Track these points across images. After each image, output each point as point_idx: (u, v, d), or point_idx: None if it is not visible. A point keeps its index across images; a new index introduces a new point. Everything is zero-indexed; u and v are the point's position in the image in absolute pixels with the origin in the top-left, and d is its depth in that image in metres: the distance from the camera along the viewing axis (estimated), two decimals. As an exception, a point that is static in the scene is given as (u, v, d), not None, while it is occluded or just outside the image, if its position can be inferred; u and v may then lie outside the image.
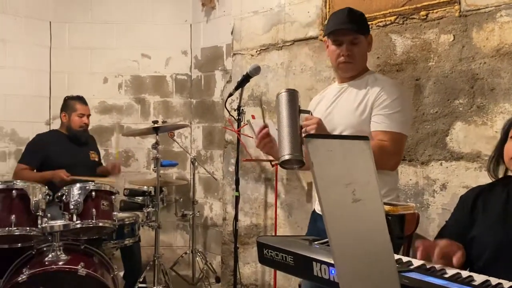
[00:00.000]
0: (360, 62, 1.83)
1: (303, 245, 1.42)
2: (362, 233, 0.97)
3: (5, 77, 3.81)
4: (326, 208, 0.93)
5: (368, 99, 1.75)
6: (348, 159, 0.96)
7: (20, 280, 2.17)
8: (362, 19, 1.85)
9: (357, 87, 1.81)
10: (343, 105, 1.82)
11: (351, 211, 0.96)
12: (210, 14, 3.97)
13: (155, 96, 4.20)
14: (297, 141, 1.54)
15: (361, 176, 0.97)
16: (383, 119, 1.70)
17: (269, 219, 3.26)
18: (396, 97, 1.72)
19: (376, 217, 0.99)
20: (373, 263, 0.99)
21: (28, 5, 3.94)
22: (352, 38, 1.78)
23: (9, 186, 2.36)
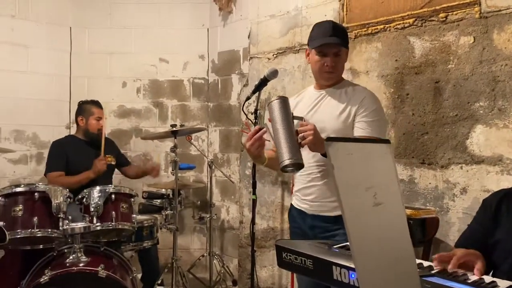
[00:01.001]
0: (340, 72, 2.00)
1: (322, 249, 1.42)
2: (383, 237, 0.97)
3: (27, 82, 3.90)
4: (347, 212, 0.93)
5: (351, 107, 1.89)
6: (369, 162, 0.95)
7: (42, 281, 2.21)
8: (345, 33, 2.01)
9: (337, 94, 1.95)
10: (325, 111, 1.94)
11: (372, 215, 0.95)
12: (227, 19, 3.99)
13: (173, 100, 4.25)
14: (295, 146, 1.64)
15: (382, 179, 0.96)
16: (366, 126, 1.86)
17: (285, 223, 3.25)
18: (376, 108, 1.90)
19: (398, 221, 0.98)
20: (395, 267, 0.98)
21: (49, 11, 4.02)
22: (336, 51, 1.93)
23: (32, 189, 2.41)
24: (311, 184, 1.94)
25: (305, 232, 1.96)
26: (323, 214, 1.91)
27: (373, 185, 0.94)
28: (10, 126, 3.82)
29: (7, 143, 3.76)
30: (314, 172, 1.93)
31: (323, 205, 1.91)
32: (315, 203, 1.94)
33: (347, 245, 1.45)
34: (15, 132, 3.85)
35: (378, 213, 0.96)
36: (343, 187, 0.92)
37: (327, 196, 1.90)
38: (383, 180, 0.96)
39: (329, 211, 1.89)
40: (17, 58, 3.84)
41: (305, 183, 1.97)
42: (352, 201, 0.93)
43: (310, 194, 1.95)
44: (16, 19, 3.83)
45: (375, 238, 0.96)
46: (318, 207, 1.93)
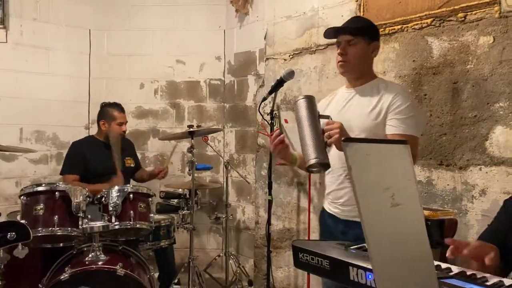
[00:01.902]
0: (357, 65, 1.90)
1: (339, 250, 1.42)
2: (401, 238, 0.97)
3: (48, 84, 3.98)
4: (365, 213, 0.93)
5: (382, 104, 1.82)
6: (387, 163, 0.95)
7: (62, 278, 2.26)
8: (367, 24, 1.96)
9: (368, 92, 1.88)
10: (356, 109, 1.88)
11: (390, 216, 0.95)
12: (243, 20, 4.01)
13: (190, 101, 4.28)
14: (321, 146, 1.60)
15: (400, 180, 0.96)
16: (399, 123, 1.79)
17: (301, 224, 3.25)
18: (409, 103, 1.82)
19: (416, 222, 0.98)
20: (412, 268, 0.98)
21: (69, 14, 4.10)
22: (349, 39, 1.88)
23: (52, 188, 2.45)
24: (342, 186, 1.88)
25: (337, 238, 1.85)
26: (356, 220, 1.79)
27: (391, 186, 0.94)
28: (31, 126, 3.90)
29: (28, 144, 3.84)
30: (343, 173, 1.86)
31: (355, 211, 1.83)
32: (346, 207, 1.87)
33: (364, 246, 1.45)
34: (36, 132, 3.93)
35: (396, 214, 0.96)
36: (360, 188, 0.92)
37: None
38: (401, 181, 0.96)
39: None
40: (38, 60, 3.92)
41: (336, 185, 1.91)
42: (369, 202, 0.93)
43: (341, 197, 1.89)
44: (38, 22, 3.91)
45: (393, 239, 0.96)
46: (350, 212, 1.85)
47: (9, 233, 1.35)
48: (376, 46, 1.95)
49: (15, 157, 3.79)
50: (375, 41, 1.93)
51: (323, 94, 2.98)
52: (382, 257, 0.96)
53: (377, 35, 1.96)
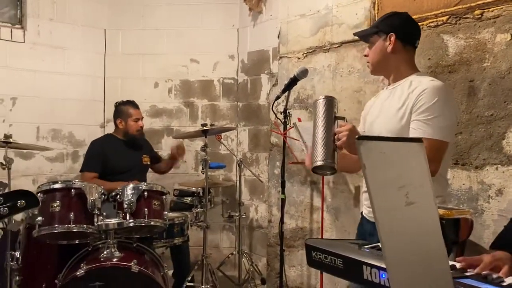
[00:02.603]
0: (377, 63, 1.83)
1: (352, 249, 1.41)
2: (416, 237, 0.96)
3: (64, 83, 4.04)
4: (379, 212, 0.93)
5: (408, 103, 1.68)
6: (401, 161, 0.95)
7: (78, 274, 2.29)
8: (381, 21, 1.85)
9: (399, 90, 1.75)
10: (386, 110, 1.78)
11: (404, 215, 0.95)
12: (257, 19, 4.01)
13: (203, 99, 4.30)
14: (330, 148, 1.55)
15: (415, 178, 0.95)
16: (421, 125, 1.62)
17: (315, 223, 3.25)
18: (436, 100, 1.62)
19: (430, 221, 0.97)
20: (427, 268, 0.98)
21: (85, 14, 4.15)
22: (369, 40, 1.84)
23: (68, 186, 2.49)
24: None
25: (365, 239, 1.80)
26: None
27: (405, 184, 0.93)
28: (48, 125, 3.97)
29: (44, 142, 3.90)
30: None
31: None
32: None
33: (378, 245, 1.44)
34: (52, 131, 4.00)
35: (410, 212, 0.95)
36: (374, 186, 0.92)
37: None
38: (415, 180, 0.95)
39: None
40: (55, 59, 3.99)
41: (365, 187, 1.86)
42: (383, 201, 0.93)
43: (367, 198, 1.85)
44: (54, 22, 3.97)
45: (407, 238, 0.96)
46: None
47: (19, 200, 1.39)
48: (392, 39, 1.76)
49: (32, 155, 3.86)
50: (390, 33, 1.77)
51: (336, 92, 2.98)
52: (396, 256, 0.96)
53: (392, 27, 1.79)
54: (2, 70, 3.71)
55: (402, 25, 1.81)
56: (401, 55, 1.79)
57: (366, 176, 0.91)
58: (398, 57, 1.79)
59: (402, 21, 1.84)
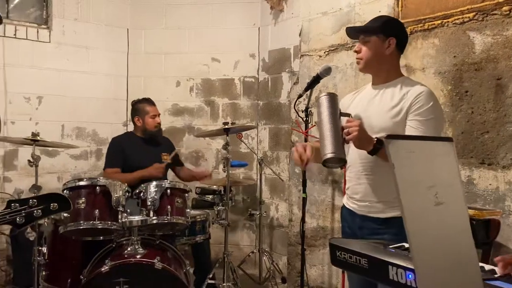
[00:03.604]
0: (370, 62, 1.88)
1: (377, 248, 1.40)
2: (445, 237, 0.95)
3: (88, 82, 4.11)
4: (407, 211, 0.92)
5: (404, 104, 1.79)
6: (431, 160, 0.94)
7: (103, 270, 2.33)
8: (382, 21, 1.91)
9: (391, 90, 1.85)
10: (377, 108, 1.86)
11: (433, 215, 0.94)
12: (278, 17, 4.01)
13: (224, 98, 4.32)
14: (339, 141, 1.63)
15: (445, 178, 0.94)
16: (419, 125, 1.74)
17: (336, 222, 3.23)
18: (431, 105, 1.77)
19: (460, 221, 0.96)
20: (456, 269, 0.96)
21: (108, 14, 4.22)
22: (363, 37, 1.89)
23: (93, 183, 2.53)
24: (359, 182, 1.90)
25: (355, 232, 1.93)
26: (372, 216, 1.86)
27: (435, 184, 0.92)
28: (72, 123, 4.04)
29: (69, 140, 3.98)
30: (360, 170, 1.89)
31: (372, 206, 1.86)
32: (362, 203, 1.90)
33: (403, 246, 1.43)
34: (77, 129, 4.07)
35: (440, 212, 0.94)
36: (403, 186, 0.91)
37: (374, 196, 1.85)
38: (445, 179, 0.94)
39: (378, 213, 1.84)
40: (79, 59, 4.06)
41: (354, 181, 1.94)
42: (412, 200, 0.92)
43: (357, 192, 1.92)
44: (78, 21, 4.05)
45: (436, 238, 0.95)
46: (366, 207, 1.88)
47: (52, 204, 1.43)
48: (392, 43, 1.86)
49: (57, 152, 3.94)
50: (391, 37, 1.86)
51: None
52: (424, 256, 0.94)
53: (393, 31, 1.88)
54: (28, 69, 3.80)
55: (401, 32, 1.93)
56: (393, 59, 1.91)
57: (395, 175, 0.90)
58: (391, 60, 1.90)
59: (401, 28, 1.96)
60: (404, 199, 0.91)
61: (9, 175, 3.72)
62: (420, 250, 0.94)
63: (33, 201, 1.42)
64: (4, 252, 3.67)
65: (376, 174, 1.83)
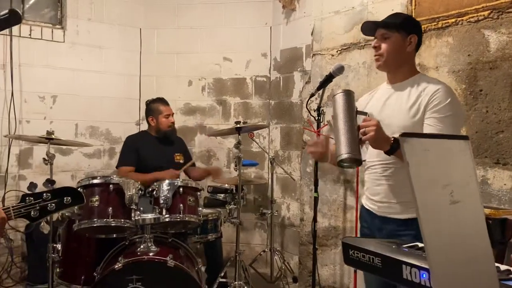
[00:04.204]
0: (391, 59, 1.85)
1: (390, 248, 1.39)
2: (460, 236, 0.94)
3: (101, 81, 4.15)
4: (422, 210, 0.91)
5: (421, 101, 1.75)
6: (446, 159, 0.93)
7: (116, 267, 2.35)
8: (403, 18, 1.91)
9: (407, 88, 1.82)
10: (395, 107, 1.83)
11: (449, 213, 0.93)
12: (290, 16, 4.00)
13: (236, 97, 4.33)
14: (355, 141, 1.57)
15: (460, 176, 0.93)
16: (437, 122, 1.71)
17: (348, 222, 3.21)
18: (450, 101, 1.73)
19: (476, 220, 0.95)
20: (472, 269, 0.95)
21: (122, 13, 4.25)
22: (382, 33, 1.85)
23: (107, 181, 2.56)
24: (378, 183, 1.88)
25: (374, 233, 1.90)
26: (391, 217, 1.83)
27: (450, 182, 0.92)
28: (86, 122, 4.09)
29: (82, 138, 4.03)
30: (379, 171, 1.86)
31: (391, 207, 1.83)
32: (382, 204, 1.87)
33: (417, 245, 1.42)
34: (90, 128, 4.12)
35: (455, 211, 0.93)
36: (418, 184, 0.90)
37: (394, 197, 1.82)
38: (460, 178, 0.93)
39: (397, 214, 1.81)
40: (93, 58, 4.10)
41: (373, 181, 1.91)
42: (427, 199, 0.91)
43: (377, 194, 1.89)
44: (92, 21, 4.09)
45: (451, 237, 0.94)
46: (386, 208, 1.86)
47: (65, 197, 1.45)
48: (413, 40, 1.85)
49: (71, 151, 3.99)
50: (412, 34, 1.85)
51: (371, 89, 2.93)
52: (439, 255, 0.94)
53: (415, 29, 1.88)
54: (43, 69, 3.85)
55: (420, 30, 1.92)
56: (411, 56, 1.90)
57: (410, 174, 0.90)
58: (409, 58, 1.89)
59: (420, 26, 1.95)
60: (419, 197, 0.91)
61: (24, 173, 3.78)
62: (435, 249, 0.93)
63: (47, 195, 1.44)
64: (19, 249, 3.73)
65: (395, 175, 1.81)
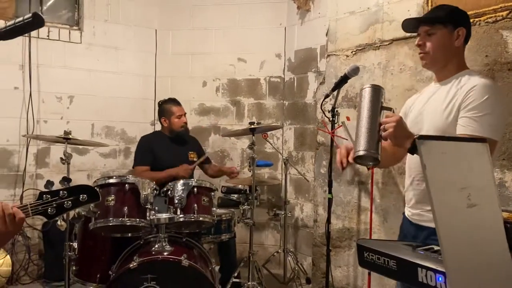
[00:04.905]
0: (438, 55, 1.73)
1: (406, 250, 1.38)
2: (478, 240, 0.93)
3: (117, 82, 4.20)
4: (439, 213, 0.91)
5: (457, 100, 1.64)
6: (464, 162, 0.92)
7: (131, 266, 2.37)
8: (448, 11, 1.77)
9: (449, 86, 1.71)
10: (432, 106, 1.73)
11: (466, 217, 0.92)
12: (305, 17, 4.00)
13: (250, 98, 4.34)
14: (374, 138, 1.50)
15: (478, 180, 0.93)
16: (471, 122, 1.58)
17: (362, 224, 3.20)
18: (487, 98, 1.58)
19: (494, 223, 0.94)
20: (489, 273, 0.95)
21: (137, 15, 4.30)
22: (426, 29, 1.74)
23: (123, 181, 2.59)
24: (411, 188, 1.82)
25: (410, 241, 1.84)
26: (423, 225, 1.75)
27: (468, 185, 0.91)
28: (102, 122, 4.14)
29: (98, 138, 4.08)
30: (413, 175, 1.80)
31: (423, 215, 1.76)
32: (415, 210, 1.80)
33: (432, 248, 1.40)
34: (106, 128, 4.17)
35: (472, 215, 0.92)
36: (435, 187, 0.90)
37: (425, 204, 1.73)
38: (478, 181, 0.92)
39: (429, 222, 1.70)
40: (109, 59, 4.15)
41: (408, 187, 1.85)
42: (444, 202, 0.91)
43: (410, 199, 1.84)
44: (108, 23, 4.14)
45: (468, 240, 0.93)
46: (418, 216, 1.78)
47: (81, 195, 1.47)
48: (461, 33, 1.73)
49: (87, 151, 4.04)
50: (460, 27, 1.72)
51: (387, 90, 2.89)
52: (456, 259, 0.93)
53: (463, 21, 1.75)
54: (60, 69, 3.91)
55: (468, 21, 1.78)
56: (460, 51, 1.76)
57: (427, 177, 0.89)
58: (458, 53, 1.75)
59: (467, 17, 1.80)
60: (436, 200, 0.91)
61: (41, 172, 3.84)
62: (451, 252, 0.93)
63: (63, 193, 1.46)
64: (37, 246, 3.80)
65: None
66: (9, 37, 0.82)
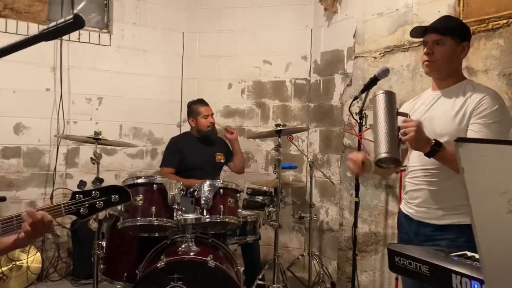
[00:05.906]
0: (444, 65, 1.82)
1: (439, 256, 1.36)
2: (518, 247, 0.90)
3: (145, 84, 4.26)
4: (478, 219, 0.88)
5: (467, 107, 1.73)
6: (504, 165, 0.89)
7: (159, 266, 2.40)
8: (457, 24, 1.91)
9: (454, 94, 1.80)
10: (440, 112, 1.81)
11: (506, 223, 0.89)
12: (332, 18, 3.97)
13: (275, 100, 4.34)
14: (394, 141, 1.59)
15: (519, 185, 0.90)
16: (481, 128, 1.68)
17: (389, 228, 3.15)
18: (497, 107, 1.70)
19: (536, 230, 0.91)
20: (530, 281, 0.91)
21: (165, 18, 4.35)
22: (436, 39, 1.81)
23: (151, 181, 2.63)
24: (418, 187, 1.87)
25: (411, 238, 1.89)
26: (428, 222, 1.82)
27: (508, 190, 0.88)
28: (130, 123, 4.21)
29: (126, 139, 4.15)
30: (420, 176, 1.85)
31: (429, 212, 1.82)
32: (420, 208, 1.86)
33: (465, 254, 1.37)
34: (134, 129, 4.23)
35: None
36: (474, 191, 0.87)
37: (434, 202, 1.81)
38: (519, 186, 0.89)
39: (435, 219, 1.80)
40: (137, 61, 4.22)
41: (412, 186, 1.90)
42: (483, 207, 0.88)
43: (416, 198, 1.88)
44: (137, 26, 4.21)
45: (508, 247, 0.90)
46: (423, 213, 1.85)
47: (113, 195, 1.50)
48: (466, 47, 1.86)
49: (115, 151, 4.11)
50: (465, 41, 1.85)
51: (416, 93, 2.86)
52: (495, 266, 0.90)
53: (468, 36, 1.88)
54: (90, 71, 4.00)
55: (470, 37, 1.91)
56: (461, 63, 1.90)
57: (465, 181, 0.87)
58: (458, 64, 1.88)
59: (470, 33, 1.94)
60: (474, 205, 0.88)
61: (70, 171, 3.93)
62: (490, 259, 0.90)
63: (95, 193, 1.49)
64: (65, 244, 3.88)
65: (436, 180, 1.80)
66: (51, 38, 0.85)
